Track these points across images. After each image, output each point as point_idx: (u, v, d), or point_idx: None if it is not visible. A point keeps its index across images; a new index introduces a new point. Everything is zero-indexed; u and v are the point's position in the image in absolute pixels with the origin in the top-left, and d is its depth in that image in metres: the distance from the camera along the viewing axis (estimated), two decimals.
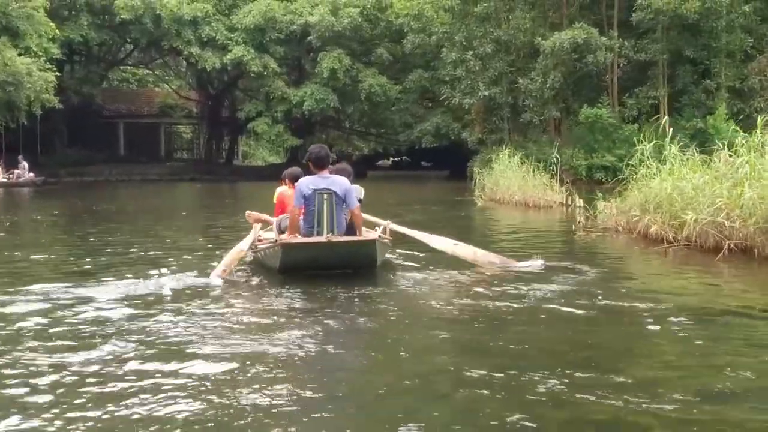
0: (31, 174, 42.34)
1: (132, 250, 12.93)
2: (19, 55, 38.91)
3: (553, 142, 36.02)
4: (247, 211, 11.57)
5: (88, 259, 12.00)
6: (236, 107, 58.77)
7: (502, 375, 5.43)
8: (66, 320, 7.24)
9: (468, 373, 5.50)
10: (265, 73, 49.37)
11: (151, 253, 12.44)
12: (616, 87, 38.62)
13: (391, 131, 57.92)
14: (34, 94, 38.98)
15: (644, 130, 35.55)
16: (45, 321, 7.22)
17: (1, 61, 36.88)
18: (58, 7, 46.38)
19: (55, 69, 41.63)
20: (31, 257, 12.10)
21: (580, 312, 7.61)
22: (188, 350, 6.15)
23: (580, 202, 20.14)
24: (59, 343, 6.38)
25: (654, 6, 34.92)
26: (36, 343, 6.35)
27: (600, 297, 8.27)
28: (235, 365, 5.68)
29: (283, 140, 53.05)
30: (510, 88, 40.14)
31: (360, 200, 10.16)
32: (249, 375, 5.50)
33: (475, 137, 42.32)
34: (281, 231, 10.25)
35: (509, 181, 23.98)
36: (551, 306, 7.89)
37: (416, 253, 11.45)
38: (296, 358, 5.99)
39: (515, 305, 7.94)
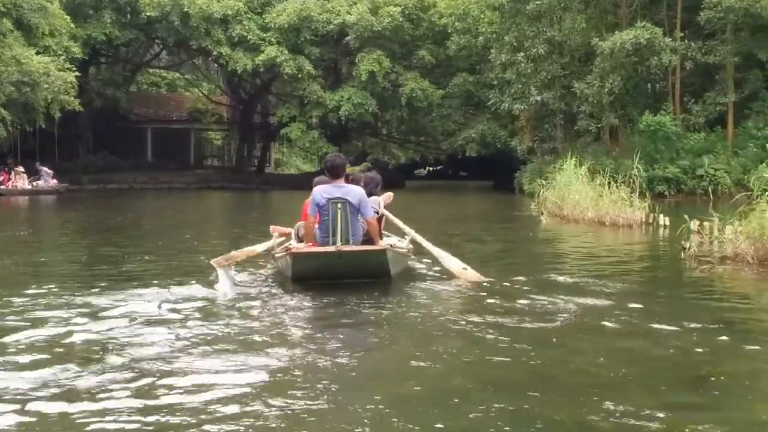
0: (55, 181, 40.27)
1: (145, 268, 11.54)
2: (37, 53, 36.47)
3: (609, 151, 33.31)
4: (272, 226, 11.72)
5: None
6: (269, 112, 56.27)
7: None
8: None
9: None
10: (300, 75, 46.46)
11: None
12: (679, 93, 35.44)
13: (431, 139, 55.25)
14: (51, 95, 36.42)
15: (711, 138, 33.50)
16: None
17: (15, 59, 34.26)
18: (80, 5, 43.91)
19: (76, 69, 39.07)
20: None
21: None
22: (192, 361, 6.18)
23: (665, 221, 17.98)
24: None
25: (725, 4, 31.77)
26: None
27: None
28: (233, 375, 5.78)
29: (317, 147, 50.07)
30: (563, 93, 37.11)
31: (377, 212, 10.22)
32: (246, 385, 5.53)
33: (525, 146, 39.39)
34: (299, 239, 10.38)
35: (579, 195, 20.84)
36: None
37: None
38: (289, 369, 6.02)
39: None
